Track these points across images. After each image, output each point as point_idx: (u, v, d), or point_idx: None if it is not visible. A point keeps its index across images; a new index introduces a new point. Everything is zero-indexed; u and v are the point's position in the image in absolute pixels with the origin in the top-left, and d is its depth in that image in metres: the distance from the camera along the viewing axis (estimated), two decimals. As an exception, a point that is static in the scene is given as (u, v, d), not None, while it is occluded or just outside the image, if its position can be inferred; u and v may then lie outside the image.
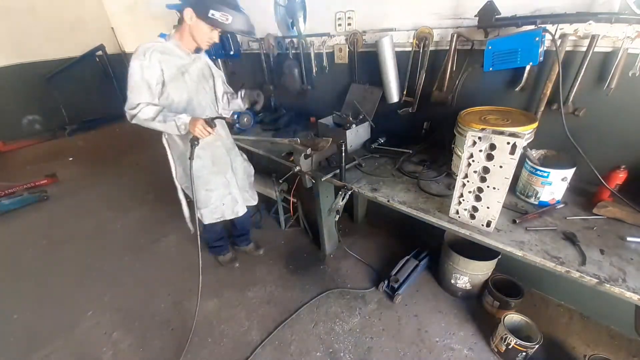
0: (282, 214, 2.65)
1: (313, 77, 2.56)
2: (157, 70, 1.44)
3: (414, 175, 1.68)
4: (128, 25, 5.39)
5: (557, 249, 1.14)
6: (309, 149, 1.81)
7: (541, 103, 1.46)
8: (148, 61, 1.41)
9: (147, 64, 1.41)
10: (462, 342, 1.73)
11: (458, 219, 1.33)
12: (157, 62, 1.43)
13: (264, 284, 2.20)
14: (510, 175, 1.10)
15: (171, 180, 1.87)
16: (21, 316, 2.09)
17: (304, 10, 2.31)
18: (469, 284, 1.86)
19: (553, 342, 1.69)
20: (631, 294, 0.96)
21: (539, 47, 1.31)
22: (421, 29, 1.75)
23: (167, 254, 2.57)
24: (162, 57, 1.45)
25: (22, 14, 4.93)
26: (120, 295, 2.21)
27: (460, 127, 1.43)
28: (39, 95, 5.35)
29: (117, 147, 4.95)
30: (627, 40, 1.21)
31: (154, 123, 1.46)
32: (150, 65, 1.41)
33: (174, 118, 1.45)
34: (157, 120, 1.45)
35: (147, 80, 1.42)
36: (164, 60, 1.45)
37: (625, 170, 1.28)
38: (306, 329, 1.86)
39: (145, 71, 1.41)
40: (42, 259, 2.60)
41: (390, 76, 1.93)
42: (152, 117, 1.45)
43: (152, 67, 1.42)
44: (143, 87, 1.43)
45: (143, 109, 1.44)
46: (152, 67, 1.42)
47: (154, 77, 1.44)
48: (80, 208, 3.33)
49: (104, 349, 1.84)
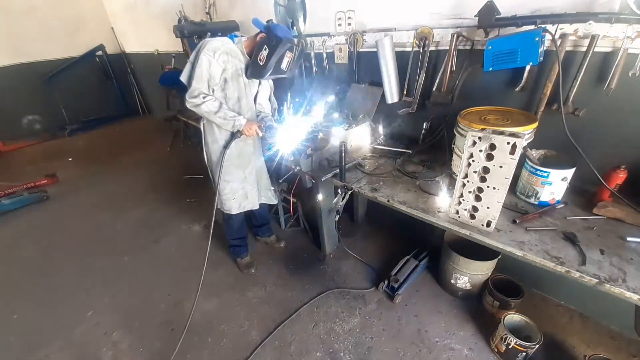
0: (282, 214, 2.65)
1: (313, 77, 2.56)
2: (220, 69, 1.60)
3: (414, 175, 1.68)
4: (128, 25, 5.40)
5: (557, 249, 1.14)
6: (309, 149, 1.81)
7: (541, 103, 1.46)
8: (216, 60, 1.57)
9: (215, 62, 1.57)
10: (462, 342, 1.73)
11: (458, 219, 1.33)
12: (223, 62, 1.60)
13: (264, 284, 2.20)
14: (510, 175, 1.10)
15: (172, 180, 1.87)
16: (21, 316, 2.09)
17: (304, 10, 2.31)
18: (469, 284, 1.86)
19: (553, 342, 1.69)
20: (631, 294, 0.96)
21: (539, 47, 1.31)
22: (421, 29, 1.75)
23: (167, 254, 2.57)
24: (227, 58, 1.61)
25: (22, 14, 4.93)
26: (120, 295, 2.21)
27: (460, 127, 1.43)
28: (39, 95, 5.36)
29: (117, 147, 4.95)
30: (627, 40, 1.21)
31: (214, 116, 1.65)
32: (217, 63, 1.58)
33: (233, 118, 1.66)
34: (218, 116, 1.64)
35: (211, 75, 1.59)
36: (228, 60, 1.62)
37: (625, 170, 1.28)
38: (306, 329, 1.86)
39: (212, 67, 1.58)
40: (42, 259, 2.60)
41: (390, 76, 1.93)
42: (214, 112, 1.63)
43: (218, 65, 1.59)
44: (204, 79, 1.59)
45: (207, 102, 1.61)
46: (218, 66, 1.59)
47: (217, 74, 1.61)
48: (80, 208, 3.33)
49: (104, 349, 1.84)
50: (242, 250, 2.33)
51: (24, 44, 5.06)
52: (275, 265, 2.36)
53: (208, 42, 1.57)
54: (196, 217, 2.95)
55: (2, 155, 4.82)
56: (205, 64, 1.56)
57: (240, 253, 2.33)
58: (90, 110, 5.90)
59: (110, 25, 5.80)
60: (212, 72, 1.58)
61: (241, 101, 1.75)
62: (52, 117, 5.58)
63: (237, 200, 1.99)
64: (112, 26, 5.81)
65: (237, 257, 2.35)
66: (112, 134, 5.70)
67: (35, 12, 5.02)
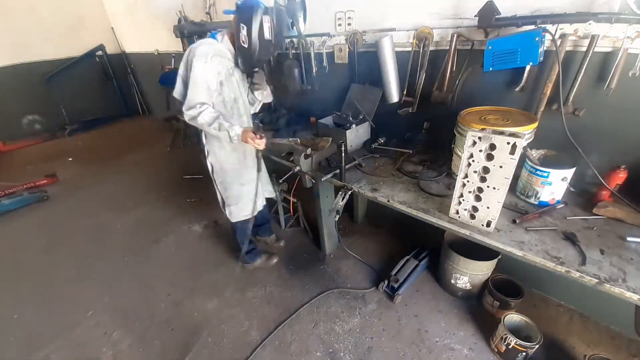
0: (282, 214, 2.65)
1: (313, 77, 2.56)
2: (215, 73, 1.51)
3: (414, 175, 1.68)
4: (128, 25, 5.39)
5: (557, 249, 1.14)
6: (309, 149, 1.81)
7: (541, 103, 1.46)
8: (210, 64, 1.48)
9: (209, 66, 1.48)
10: (462, 342, 1.73)
11: (458, 219, 1.33)
12: (216, 65, 1.51)
13: (264, 284, 2.20)
14: (510, 175, 1.10)
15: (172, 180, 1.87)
16: (21, 316, 2.09)
17: (304, 10, 2.31)
18: (469, 284, 1.86)
19: (553, 342, 1.69)
20: (631, 294, 0.96)
21: (539, 47, 1.31)
22: (421, 29, 1.75)
23: (167, 254, 2.57)
24: (219, 60, 1.52)
25: (22, 14, 4.93)
26: (120, 295, 2.21)
27: (460, 127, 1.43)
28: (39, 95, 5.35)
29: (117, 147, 4.94)
30: (627, 40, 1.21)
31: (209, 128, 1.53)
32: (212, 68, 1.49)
33: (228, 128, 1.52)
34: (212, 127, 1.52)
35: (208, 81, 1.50)
36: (220, 62, 1.53)
37: (625, 170, 1.28)
38: (306, 329, 1.86)
39: (207, 73, 1.48)
40: (42, 259, 2.60)
41: (390, 76, 1.93)
42: (209, 123, 1.51)
43: (212, 70, 1.50)
44: (202, 88, 1.49)
45: (203, 113, 1.49)
46: (212, 70, 1.50)
47: (214, 79, 1.52)
48: (80, 208, 3.33)
49: (104, 349, 1.84)
50: (257, 252, 2.30)
51: (24, 44, 5.05)
52: (275, 265, 2.36)
53: (196, 49, 1.48)
54: (196, 217, 2.95)
55: (2, 155, 4.81)
56: (199, 71, 1.46)
57: (256, 256, 2.29)
58: (90, 110, 5.89)
59: (110, 25, 5.80)
60: (208, 78, 1.50)
61: (238, 102, 1.70)
62: (52, 117, 5.57)
63: (253, 201, 1.90)
64: (112, 26, 5.81)
65: (254, 260, 2.29)
66: (112, 134, 5.70)
67: (35, 12, 5.01)
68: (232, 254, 2.47)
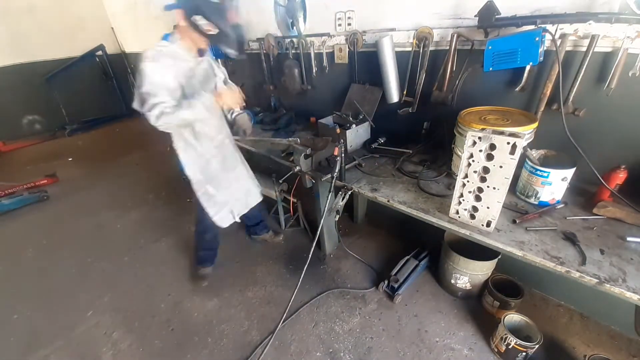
0: (282, 214, 2.64)
1: (313, 77, 2.56)
2: (170, 73, 1.42)
3: (414, 175, 1.68)
4: (128, 25, 5.40)
5: (557, 249, 1.14)
6: (309, 149, 1.81)
7: (541, 103, 1.46)
8: (161, 65, 1.38)
9: (160, 67, 1.38)
10: (462, 342, 1.73)
11: (458, 219, 1.33)
12: (169, 66, 1.41)
13: (264, 284, 2.20)
14: (510, 175, 1.10)
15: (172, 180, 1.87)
16: (21, 316, 2.09)
17: (304, 10, 2.31)
18: (469, 284, 1.86)
19: (553, 342, 1.69)
20: (631, 294, 0.96)
21: (539, 47, 1.31)
22: (421, 29, 1.75)
23: (168, 254, 2.57)
24: (172, 62, 1.42)
25: (22, 14, 4.93)
26: (120, 295, 2.21)
27: (460, 127, 1.43)
28: (39, 95, 5.36)
29: (117, 147, 4.95)
30: (627, 40, 1.21)
31: (182, 112, 1.40)
32: (164, 68, 1.39)
33: (198, 99, 1.43)
34: (184, 107, 1.40)
35: (165, 82, 1.40)
36: (174, 64, 1.43)
37: (625, 170, 1.28)
38: (306, 329, 1.86)
39: (161, 73, 1.39)
40: (42, 259, 2.60)
41: (390, 76, 1.93)
42: (178, 109, 1.39)
43: (166, 69, 1.40)
44: (160, 87, 1.38)
45: (166, 105, 1.37)
46: (166, 70, 1.40)
47: (169, 79, 1.42)
48: (80, 208, 3.33)
49: (104, 349, 1.84)
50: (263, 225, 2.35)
51: (24, 44, 5.05)
52: (275, 265, 2.36)
53: (144, 54, 1.38)
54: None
55: (2, 155, 4.81)
56: (151, 73, 1.36)
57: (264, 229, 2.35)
58: (90, 110, 5.89)
59: (110, 25, 5.80)
60: (163, 79, 1.38)
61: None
62: (52, 117, 5.57)
63: (241, 199, 1.96)
64: (112, 26, 5.81)
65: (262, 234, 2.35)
66: (112, 134, 5.70)
67: (35, 12, 5.01)
68: (232, 254, 2.47)
